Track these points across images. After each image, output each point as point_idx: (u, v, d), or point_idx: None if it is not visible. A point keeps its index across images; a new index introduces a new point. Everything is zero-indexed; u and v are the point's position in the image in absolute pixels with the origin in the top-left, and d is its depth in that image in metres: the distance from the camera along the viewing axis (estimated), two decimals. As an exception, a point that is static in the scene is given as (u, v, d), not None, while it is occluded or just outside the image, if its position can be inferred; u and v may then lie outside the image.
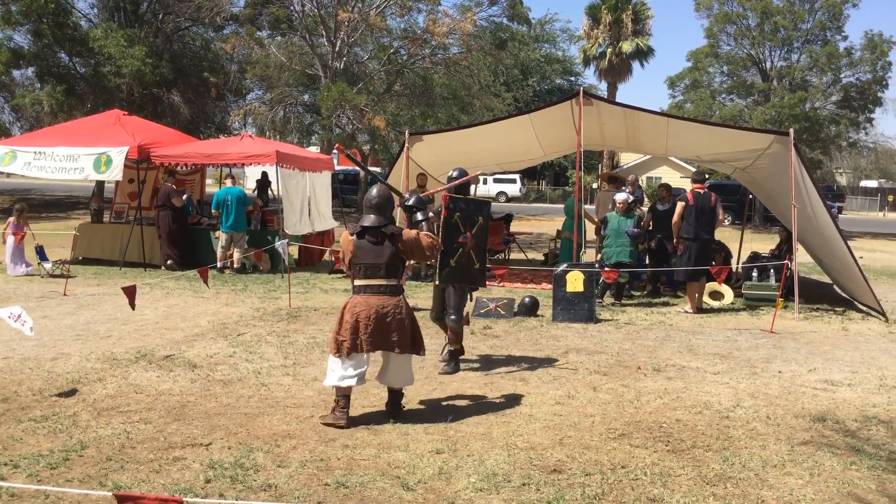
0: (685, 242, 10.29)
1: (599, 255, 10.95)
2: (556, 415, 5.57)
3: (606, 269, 10.22)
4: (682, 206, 10.35)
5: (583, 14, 37.49)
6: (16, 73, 25.20)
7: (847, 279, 10.98)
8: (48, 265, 12.27)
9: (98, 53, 22.34)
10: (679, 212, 10.38)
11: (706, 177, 11.24)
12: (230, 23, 25.96)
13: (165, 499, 2.94)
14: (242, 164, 13.83)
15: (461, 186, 6.94)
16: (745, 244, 13.60)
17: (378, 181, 5.93)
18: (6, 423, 5.15)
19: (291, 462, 4.55)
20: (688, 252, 10.25)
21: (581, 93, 11.06)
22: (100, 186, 19.97)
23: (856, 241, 22.50)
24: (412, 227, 5.78)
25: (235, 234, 13.06)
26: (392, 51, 25.17)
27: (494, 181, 44.11)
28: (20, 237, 12.49)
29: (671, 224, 10.59)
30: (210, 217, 14.15)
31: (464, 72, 25.07)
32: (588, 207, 13.31)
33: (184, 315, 9.23)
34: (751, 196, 14.80)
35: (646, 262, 11.78)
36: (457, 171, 7.05)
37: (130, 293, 7.41)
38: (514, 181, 45.44)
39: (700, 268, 10.10)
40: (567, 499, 4.11)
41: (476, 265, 6.81)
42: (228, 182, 13.44)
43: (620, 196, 10.82)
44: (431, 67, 25.13)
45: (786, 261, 10.20)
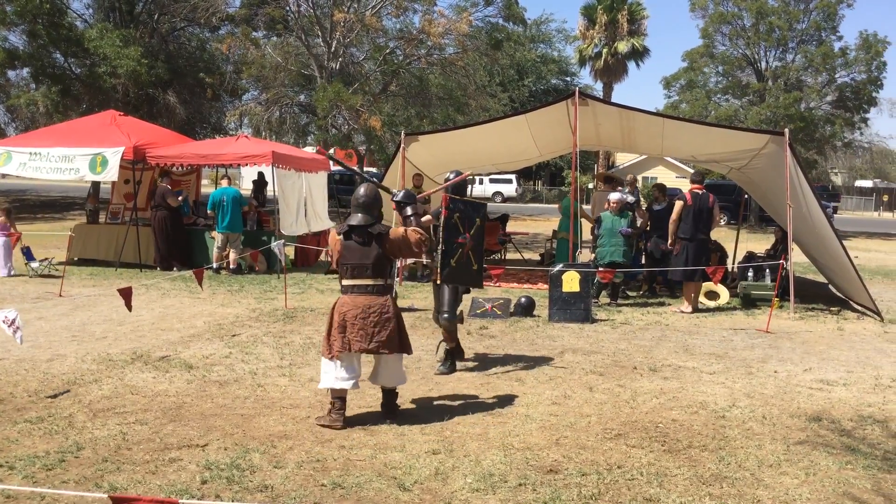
0: (682, 242, 10.30)
1: (593, 255, 10.96)
2: (553, 415, 5.58)
3: (602, 269, 10.24)
4: (681, 206, 10.35)
5: (578, 14, 37.42)
6: (11, 74, 25.12)
7: (842, 279, 11.01)
8: (35, 264, 12.25)
9: (93, 54, 22.27)
10: (677, 211, 10.38)
11: (705, 178, 11.24)
12: (226, 23, 25.90)
13: (161, 500, 2.95)
14: (238, 165, 13.83)
15: (458, 187, 6.97)
16: (741, 244, 13.62)
17: (366, 180, 5.92)
18: (1, 425, 5.14)
19: (288, 463, 4.55)
20: (685, 252, 10.26)
21: (577, 93, 11.07)
22: (95, 187, 19.91)
23: (851, 241, 22.58)
24: (404, 222, 5.77)
25: (231, 235, 13.03)
26: (388, 51, 25.15)
27: (490, 181, 44.12)
28: (16, 238, 12.45)
29: (666, 223, 10.61)
30: (206, 218, 14.13)
31: (460, 72, 25.04)
32: (585, 207, 13.31)
33: (180, 316, 9.22)
34: (746, 196, 14.82)
35: (641, 263, 11.80)
36: (453, 174, 7.12)
37: (127, 295, 7.41)
38: (510, 181, 45.43)
39: (696, 268, 10.12)
40: (563, 499, 4.12)
41: (474, 266, 6.83)
42: (224, 183, 13.43)
43: (614, 196, 10.83)
44: (427, 68, 25.11)
45: (781, 261, 10.22)
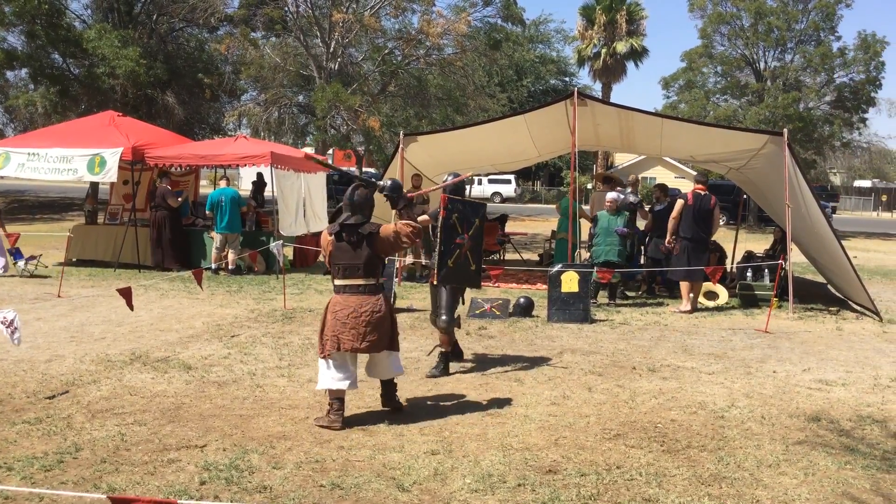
0: (681, 242, 10.30)
1: (589, 254, 10.96)
2: (552, 415, 5.57)
3: (602, 269, 10.23)
4: (681, 205, 10.34)
5: (577, 15, 37.34)
6: (9, 75, 25.18)
7: (841, 279, 11.01)
8: (21, 263, 12.23)
9: (92, 54, 22.27)
10: (678, 209, 10.38)
11: (708, 178, 11.23)
12: (224, 24, 25.93)
13: (160, 501, 2.94)
14: (237, 166, 13.81)
15: (456, 188, 6.95)
16: (740, 244, 13.63)
17: (355, 179, 5.89)
18: (0, 426, 5.13)
19: (286, 463, 4.55)
20: (684, 252, 10.26)
21: (575, 93, 11.08)
22: (94, 188, 19.89)
23: (850, 241, 22.59)
24: (399, 215, 5.72)
25: (230, 235, 13.02)
26: (386, 51, 25.17)
27: (489, 182, 44.10)
28: (14, 238, 12.43)
29: (666, 223, 10.60)
30: (204, 218, 14.12)
31: (458, 72, 25.06)
32: (584, 208, 13.31)
33: (178, 316, 9.21)
34: (745, 196, 14.83)
35: (640, 262, 11.79)
36: (451, 177, 7.11)
37: (126, 295, 7.40)
38: (509, 182, 45.42)
39: (695, 268, 10.12)
40: (562, 499, 4.12)
41: (472, 267, 6.82)
42: (223, 183, 13.43)
43: (611, 195, 10.84)
44: (426, 68, 25.14)
45: (780, 261, 10.22)
